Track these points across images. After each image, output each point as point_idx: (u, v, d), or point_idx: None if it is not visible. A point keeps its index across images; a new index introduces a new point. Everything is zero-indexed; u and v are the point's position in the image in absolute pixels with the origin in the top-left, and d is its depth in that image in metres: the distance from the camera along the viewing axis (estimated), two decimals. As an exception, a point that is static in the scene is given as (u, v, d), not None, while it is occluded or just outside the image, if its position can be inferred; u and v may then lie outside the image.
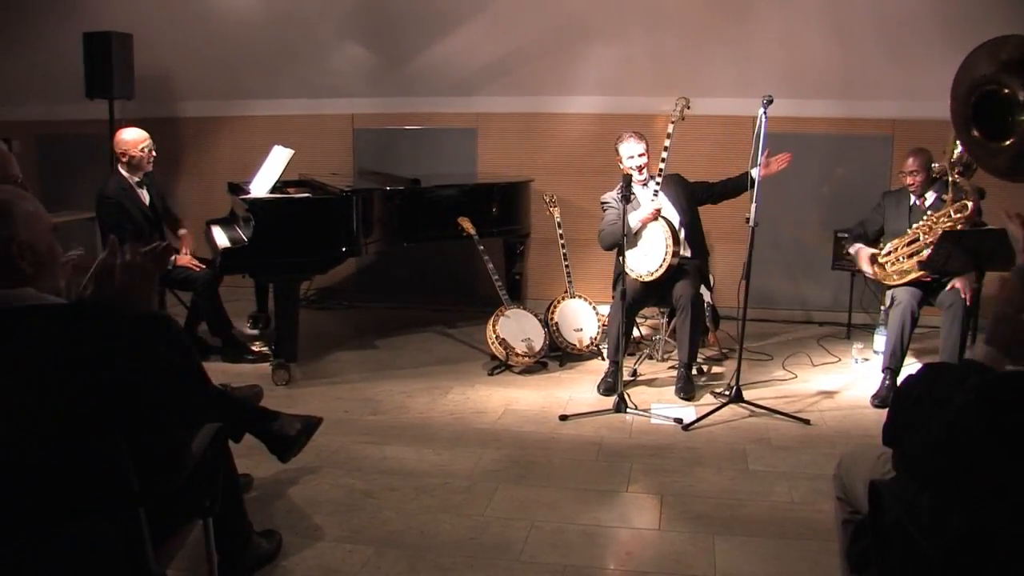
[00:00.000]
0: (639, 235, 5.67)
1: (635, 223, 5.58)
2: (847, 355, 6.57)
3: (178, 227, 6.50)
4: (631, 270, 5.62)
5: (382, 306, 7.87)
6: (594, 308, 6.51)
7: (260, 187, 6.10)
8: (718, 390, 5.71)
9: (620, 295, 5.38)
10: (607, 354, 5.93)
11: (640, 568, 3.65)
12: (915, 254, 5.59)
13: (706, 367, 6.19)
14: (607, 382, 5.71)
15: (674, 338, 6.21)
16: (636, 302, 5.70)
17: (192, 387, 3.24)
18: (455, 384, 5.91)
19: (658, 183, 5.69)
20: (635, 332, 6.37)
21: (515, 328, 6.16)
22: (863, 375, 6.15)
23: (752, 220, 5.25)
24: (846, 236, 6.77)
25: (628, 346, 6.02)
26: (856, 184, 7.14)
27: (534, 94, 7.76)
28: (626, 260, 5.52)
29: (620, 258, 5.46)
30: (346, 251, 5.90)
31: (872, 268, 5.80)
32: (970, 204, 5.39)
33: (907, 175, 5.84)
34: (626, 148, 5.76)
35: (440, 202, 6.52)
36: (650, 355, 6.44)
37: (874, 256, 5.80)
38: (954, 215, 5.45)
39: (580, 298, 6.53)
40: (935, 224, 5.52)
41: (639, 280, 5.63)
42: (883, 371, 5.64)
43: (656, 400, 5.60)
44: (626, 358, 5.84)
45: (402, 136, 8.02)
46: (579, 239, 6.97)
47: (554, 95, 7.74)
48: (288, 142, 6.28)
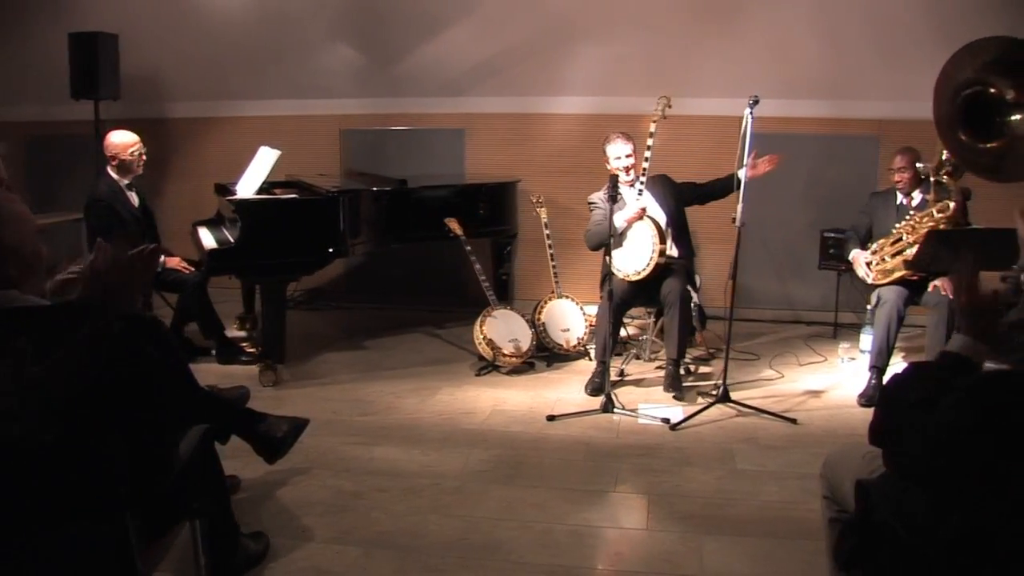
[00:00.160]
0: (625, 235, 5.67)
1: (621, 223, 5.58)
2: (834, 354, 6.59)
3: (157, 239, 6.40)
4: (618, 270, 5.63)
5: (370, 307, 7.86)
6: (581, 308, 6.52)
7: (247, 188, 6.08)
8: (705, 390, 5.72)
9: (607, 295, 5.39)
10: (595, 354, 5.94)
11: (629, 568, 3.65)
12: (899, 253, 5.62)
13: (693, 367, 6.20)
14: (594, 382, 5.71)
15: (661, 338, 6.22)
16: (624, 302, 5.71)
17: (179, 389, 3.24)
18: (443, 385, 5.90)
19: (643, 183, 5.70)
20: (622, 332, 6.37)
21: (502, 328, 6.16)
22: (850, 374, 6.17)
23: (739, 220, 5.26)
24: (833, 236, 6.81)
25: (615, 346, 6.02)
26: (843, 184, 7.16)
27: (522, 95, 7.76)
28: (613, 260, 5.53)
29: (607, 258, 5.47)
30: (333, 252, 5.89)
31: (867, 271, 5.82)
32: (952, 204, 5.43)
33: (895, 172, 5.89)
34: (613, 149, 5.77)
35: (428, 203, 6.52)
36: (637, 355, 6.45)
37: (869, 263, 5.83)
38: (936, 215, 5.49)
39: (567, 298, 6.53)
40: (918, 224, 5.56)
41: (626, 280, 5.64)
42: (869, 370, 5.66)
43: (643, 400, 5.61)
44: (613, 358, 5.84)
45: (390, 137, 8.01)
46: (566, 239, 6.97)
47: (542, 96, 7.74)
48: (275, 143, 6.27)
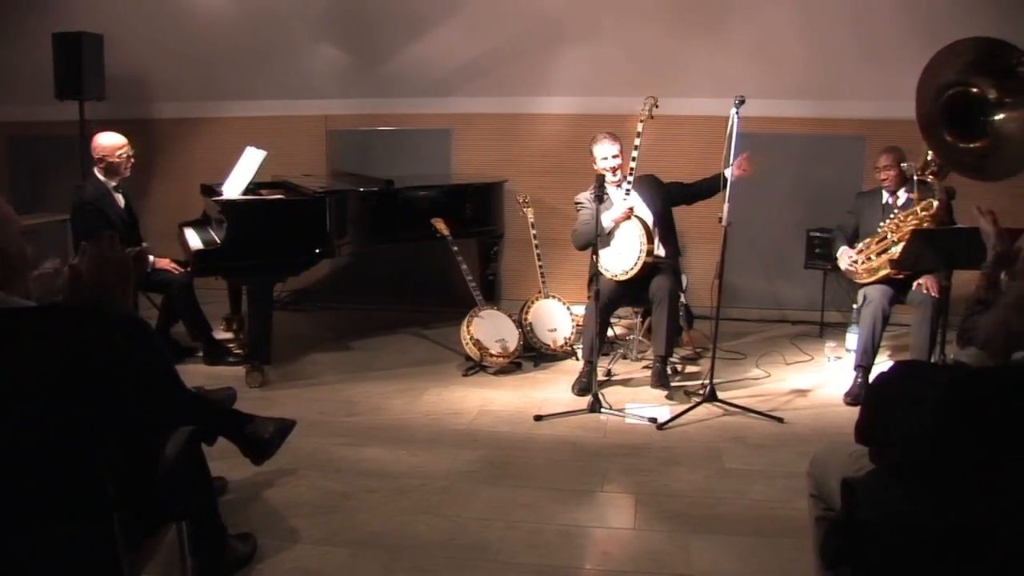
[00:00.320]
0: (612, 235, 5.68)
1: (608, 223, 5.59)
2: (820, 353, 6.61)
3: (141, 241, 6.37)
4: (606, 270, 5.64)
5: (356, 307, 7.85)
6: (568, 308, 6.52)
7: (233, 189, 6.07)
8: (692, 389, 5.74)
9: (594, 295, 5.40)
10: (582, 354, 5.94)
11: (617, 567, 3.66)
12: (884, 252, 5.65)
13: (680, 366, 6.21)
14: (581, 382, 5.71)
15: (648, 338, 6.24)
16: (611, 302, 5.72)
17: (165, 390, 3.23)
18: (430, 385, 5.90)
19: (630, 183, 5.70)
20: (609, 332, 6.37)
21: (489, 329, 6.16)
22: (836, 373, 6.19)
23: (725, 220, 5.27)
24: (819, 236, 6.83)
25: (603, 346, 6.03)
26: (829, 184, 7.18)
27: (509, 95, 7.76)
28: (600, 260, 5.53)
29: (594, 258, 5.47)
30: (320, 253, 5.88)
31: (850, 264, 5.84)
32: (936, 203, 5.46)
33: (881, 171, 5.92)
34: (600, 149, 5.78)
35: (414, 203, 6.52)
36: (624, 355, 6.46)
37: (854, 261, 5.85)
38: (920, 213, 5.54)
39: (554, 298, 6.54)
40: (902, 223, 5.60)
41: (614, 280, 5.65)
42: (855, 369, 5.69)
43: (631, 400, 5.61)
44: (600, 358, 5.85)
45: (376, 137, 8.00)
46: (553, 239, 6.97)
47: (529, 96, 7.74)
48: (262, 143, 6.26)
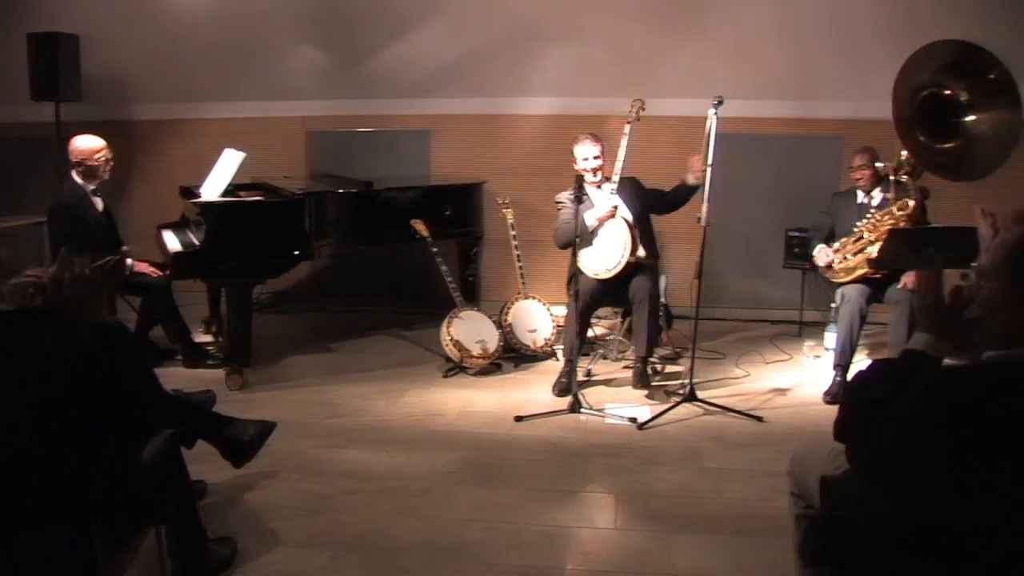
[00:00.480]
0: (596, 233, 5.67)
1: (592, 221, 5.60)
2: (799, 353, 6.63)
3: (120, 244, 6.33)
4: (588, 269, 5.63)
5: (337, 309, 7.83)
6: (548, 309, 6.53)
7: (212, 190, 6.04)
8: (672, 389, 5.75)
9: (573, 296, 5.40)
10: (562, 354, 5.95)
11: (598, 567, 3.67)
12: (861, 251, 5.69)
13: (660, 366, 6.22)
14: (562, 383, 5.72)
15: (628, 338, 6.25)
16: (592, 301, 5.71)
17: (144, 393, 3.22)
18: (411, 387, 5.89)
19: (615, 183, 5.70)
20: (590, 332, 6.37)
21: (469, 330, 6.16)
22: (815, 372, 6.21)
23: (704, 220, 5.29)
24: (797, 235, 6.86)
25: (583, 346, 6.04)
26: (808, 184, 7.19)
27: (488, 96, 7.76)
28: (583, 259, 5.54)
29: (575, 257, 5.48)
30: (299, 254, 5.87)
31: (828, 259, 5.87)
32: (911, 202, 5.51)
33: (855, 171, 5.95)
34: (580, 150, 5.78)
35: (393, 204, 6.51)
36: (604, 355, 6.47)
37: (831, 262, 5.88)
38: (897, 212, 5.59)
39: (534, 299, 6.54)
40: (879, 222, 5.64)
41: (597, 278, 5.64)
42: (834, 368, 5.72)
43: (611, 400, 5.62)
44: (580, 358, 5.86)
45: (356, 138, 7.98)
46: (533, 240, 6.97)
47: (508, 97, 7.74)
48: (240, 145, 6.23)
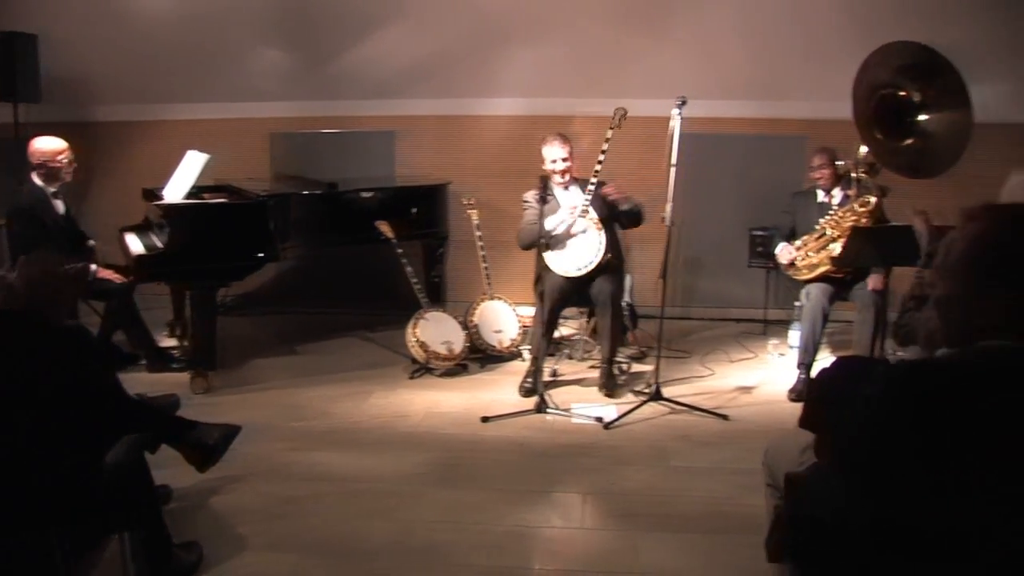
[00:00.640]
0: (570, 232, 5.69)
1: (554, 226, 5.60)
2: (764, 351, 6.69)
3: (85, 240, 6.29)
4: (559, 267, 5.64)
5: (302, 311, 7.78)
6: (514, 309, 6.54)
7: (175, 193, 5.99)
8: (638, 388, 5.78)
9: (539, 296, 5.41)
10: (528, 355, 5.96)
11: (566, 567, 3.68)
12: (823, 248, 5.74)
13: (626, 365, 6.24)
14: (528, 383, 5.73)
15: (594, 337, 6.27)
16: (560, 301, 5.72)
17: (106, 398, 3.19)
18: (377, 388, 5.88)
19: (593, 184, 5.70)
20: (555, 333, 6.39)
21: (435, 331, 6.16)
22: (779, 370, 6.26)
23: (668, 219, 5.32)
24: (761, 234, 6.90)
25: (550, 346, 6.05)
26: (772, 183, 7.21)
27: (453, 96, 7.75)
28: (555, 257, 5.58)
29: (540, 258, 5.50)
30: (263, 257, 5.84)
31: (790, 257, 5.91)
32: (873, 199, 5.57)
33: (815, 170, 6.01)
34: (548, 151, 5.79)
35: (358, 206, 6.49)
36: (570, 355, 6.48)
37: (793, 260, 5.92)
38: (859, 209, 5.65)
39: (500, 300, 6.55)
40: (841, 219, 5.70)
41: (566, 275, 5.65)
42: (798, 366, 5.76)
43: (577, 400, 5.64)
44: (546, 358, 5.87)
45: (320, 140, 7.94)
46: (498, 241, 6.97)
47: (473, 97, 7.73)
48: (204, 147, 6.18)
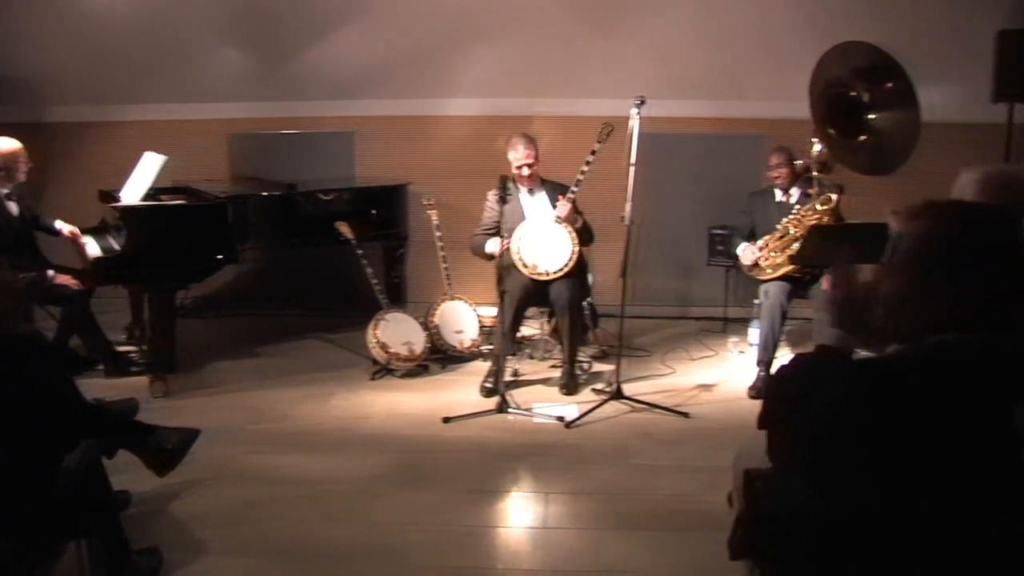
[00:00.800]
0: (544, 233, 5.73)
1: (493, 248, 5.78)
2: (724, 349, 6.73)
3: (57, 234, 6.20)
4: (528, 265, 5.67)
5: (262, 313, 7.72)
6: (474, 310, 6.54)
7: (132, 194, 5.94)
8: (599, 387, 5.80)
9: (500, 296, 5.42)
10: (489, 354, 5.97)
11: (528, 566, 3.69)
12: (786, 248, 5.78)
13: (587, 364, 6.25)
14: (489, 383, 5.74)
15: (554, 337, 6.29)
16: (525, 300, 5.74)
17: (62, 403, 3.16)
18: (338, 390, 5.86)
19: (575, 190, 5.74)
20: (521, 332, 6.39)
21: (395, 332, 6.14)
22: (740, 367, 6.30)
23: (627, 219, 5.35)
24: (720, 233, 6.95)
25: (512, 346, 6.06)
26: (730, 182, 7.25)
27: (412, 97, 7.72)
28: (526, 253, 5.65)
29: (501, 258, 5.53)
30: (222, 259, 5.80)
31: (753, 255, 5.95)
32: (834, 196, 5.62)
33: (773, 170, 6.05)
34: (512, 153, 5.82)
35: (317, 207, 6.47)
36: (531, 355, 6.49)
37: (756, 260, 5.96)
38: (819, 208, 5.69)
39: (460, 300, 6.55)
40: (804, 218, 5.74)
41: (533, 275, 5.67)
42: (758, 364, 5.81)
43: (538, 399, 5.65)
44: (507, 358, 5.88)
45: (279, 141, 7.89)
46: (458, 241, 6.93)
47: (432, 98, 7.71)
48: (161, 148, 6.12)
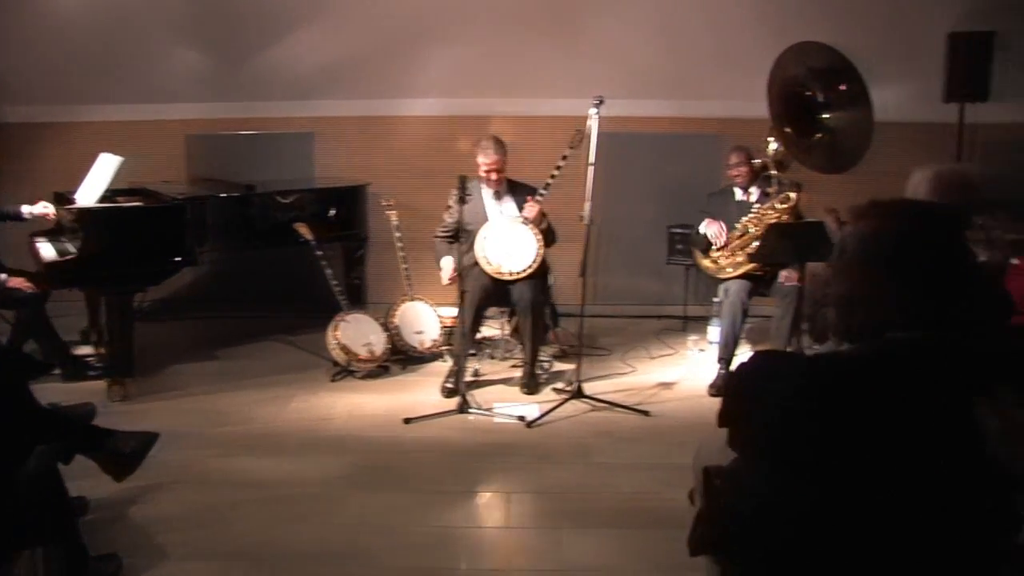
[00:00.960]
0: (510, 234, 5.75)
1: (446, 275, 5.80)
2: (684, 347, 6.78)
3: (20, 217, 6.12)
4: (492, 264, 5.69)
5: (221, 316, 7.65)
6: (435, 310, 6.54)
7: (88, 196, 5.88)
8: (559, 386, 5.82)
9: (460, 296, 5.43)
10: (450, 355, 5.98)
11: (491, 566, 3.71)
12: (746, 246, 5.83)
13: (547, 364, 6.26)
14: (449, 383, 5.74)
15: (515, 337, 6.30)
16: (484, 300, 5.76)
17: (15, 408, 3.13)
18: (299, 392, 5.83)
19: (543, 193, 5.80)
20: (481, 333, 6.40)
21: (356, 333, 6.13)
22: (699, 365, 6.35)
23: (587, 218, 5.37)
24: (679, 232, 7.00)
25: (472, 346, 6.07)
26: (688, 181, 7.32)
27: (371, 97, 7.71)
28: (492, 256, 5.66)
29: (463, 258, 5.55)
30: (181, 261, 5.76)
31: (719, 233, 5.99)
32: (793, 195, 5.68)
33: (733, 168, 6.10)
34: (481, 156, 5.84)
35: (277, 208, 6.44)
36: (491, 355, 6.51)
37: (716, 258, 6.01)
38: (779, 206, 5.74)
39: (420, 300, 6.54)
40: (763, 217, 5.79)
41: (497, 274, 5.70)
42: (718, 361, 5.85)
43: (499, 399, 5.66)
44: (468, 358, 5.88)
45: (237, 142, 7.85)
46: (419, 241, 6.94)
47: (391, 98, 7.71)
48: (118, 149, 6.06)
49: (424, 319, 6.50)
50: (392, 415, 5.38)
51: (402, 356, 6.39)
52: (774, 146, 5.62)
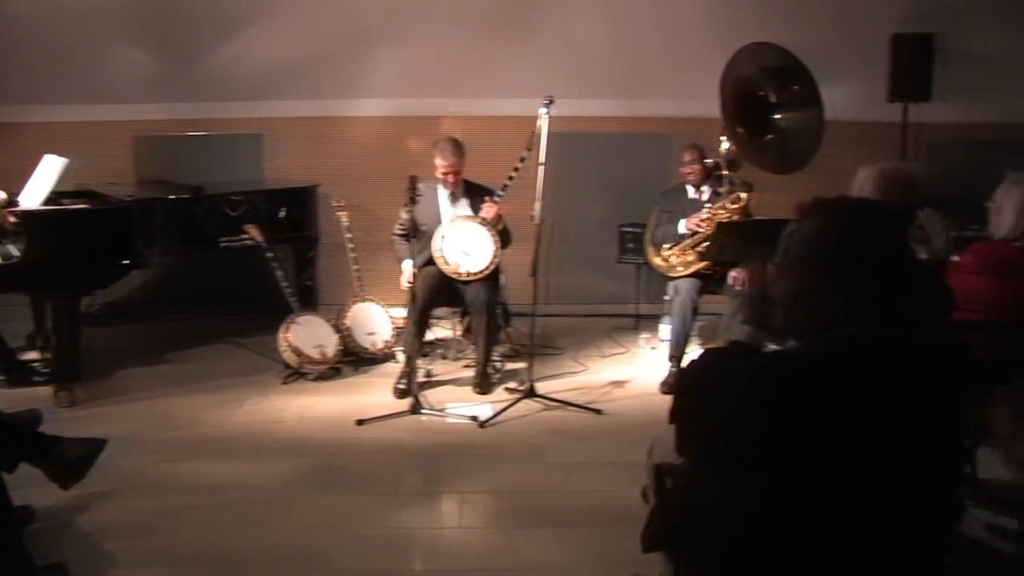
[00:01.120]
0: (467, 234, 5.76)
1: (408, 277, 5.72)
2: (635, 345, 6.82)
3: None
4: (449, 263, 5.70)
5: (170, 319, 7.58)
6: (386, 311, 6.52)
7: (32, 198, 5.79)
8: (512, 386, 5.82)
9: (411, 296, 5.43)
10: (401, 356, 5.97)
11: (445, 567, 3.71)
12: (697, 245, 5.87)
13: (500, 364, 6.27)
14: (402, 384, 5.73)
15: (467, 337, 6.30)
16: (431, 299, 5.74)
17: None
18: (250, 395, 5.79)
19: (501, 194, 5.82)
20: (429, 334, 6.39)
21: (307, 335, 6.09)
22: (651, 364, 6.39)
23: (537, 217, 5.39)
24: (630, 231, 7.04)
25: (422, 347, 6.06)
26: (638, 180, 7.37)
27: (321, 98, 7.67)
28: (449, 255, 5.68)
29: (417, 258, 5.56)
30: (128, 263, 5.69)
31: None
32: (744, 195, 5.73)
33: (686, 166, 6.14)
34: (439, 159, 5.83)
35: (226, 210, 6.38)
36: (444, 355, 6.50)
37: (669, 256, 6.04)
38: (730, 206, 5.78)
39: (372, 301, 6.52)
40: (714, 216, 5.83)
41: (455, 272, 5.70)
42: (669, 359, 5.89)
43: (452, 400, 5.66)
44: (420, 359, 5.88)
45: (185, 143, 7.77)
46: (370, 242, 6.93)
47: (341, 99, 7.67)
48: (63, 150, 5.96)
49: (376, 320, 6.49)
50: (345, 417, 5.35)
51: (354, 357, 6.36)
52: (726, 146, 5.67)
